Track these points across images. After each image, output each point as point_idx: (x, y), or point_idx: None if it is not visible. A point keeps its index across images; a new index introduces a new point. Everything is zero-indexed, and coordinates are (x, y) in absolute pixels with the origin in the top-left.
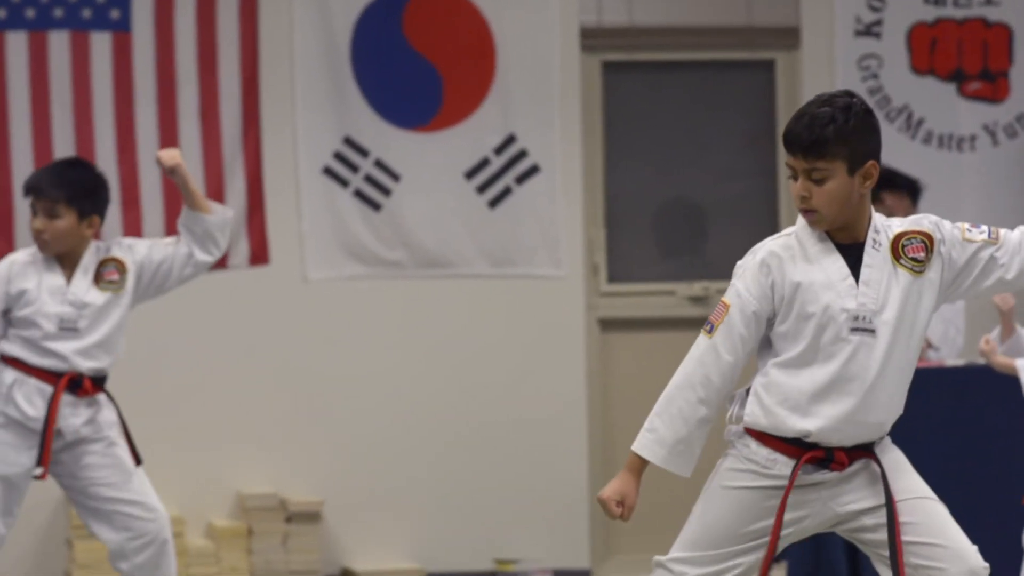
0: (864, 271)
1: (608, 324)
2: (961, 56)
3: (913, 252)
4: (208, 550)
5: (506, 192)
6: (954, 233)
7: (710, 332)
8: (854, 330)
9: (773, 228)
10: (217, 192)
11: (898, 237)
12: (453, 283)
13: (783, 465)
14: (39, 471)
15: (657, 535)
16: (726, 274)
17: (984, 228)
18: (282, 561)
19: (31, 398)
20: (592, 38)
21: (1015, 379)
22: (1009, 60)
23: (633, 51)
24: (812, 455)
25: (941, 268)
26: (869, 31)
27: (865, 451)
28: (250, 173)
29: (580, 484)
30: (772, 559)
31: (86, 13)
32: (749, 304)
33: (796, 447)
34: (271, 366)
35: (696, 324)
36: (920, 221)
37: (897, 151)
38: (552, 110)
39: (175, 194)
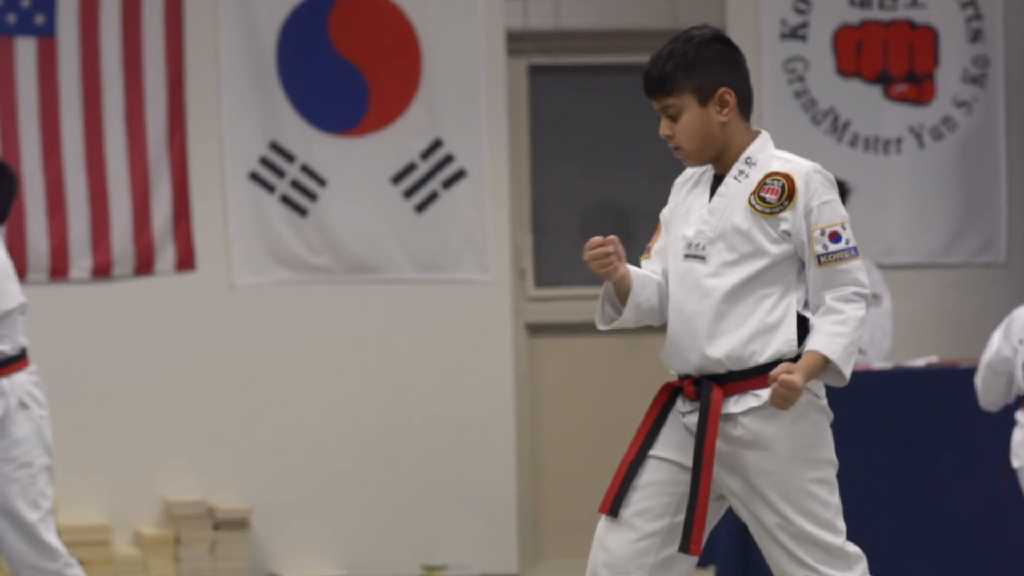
0: (715, 200)
1: (535, 328)
2: (887, 58)
3: (766, 192)
4: (135, 558)
5: (433, 197)
6: (818, 213)
7: (647, 255)
8: (687, 257)
9: None
10: (143, 197)
11: (768, 174)
12: (380, 288)
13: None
14: None
15: (586, 540)
16: None
17: (843, 241)
18: (210, 569)
19: None
20: (518, 42)
21: (942, 382)
22: (935, 62)
23: (559, 55)
24: (671, 384)
25: (794, 221)
26: (795, 34)
27: (719, 385)
28: (176, 178)
29: (508, 489)
30: (624, 476)
31: (11, 18)
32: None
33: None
34: (198, 372)
35: (622, 329)
36: (799, 168)
37: (823, 154)
38: (478, 114)
39: (101, 199)
